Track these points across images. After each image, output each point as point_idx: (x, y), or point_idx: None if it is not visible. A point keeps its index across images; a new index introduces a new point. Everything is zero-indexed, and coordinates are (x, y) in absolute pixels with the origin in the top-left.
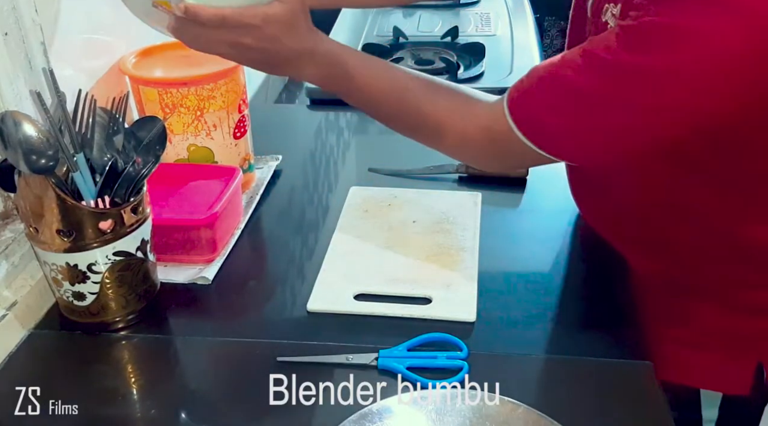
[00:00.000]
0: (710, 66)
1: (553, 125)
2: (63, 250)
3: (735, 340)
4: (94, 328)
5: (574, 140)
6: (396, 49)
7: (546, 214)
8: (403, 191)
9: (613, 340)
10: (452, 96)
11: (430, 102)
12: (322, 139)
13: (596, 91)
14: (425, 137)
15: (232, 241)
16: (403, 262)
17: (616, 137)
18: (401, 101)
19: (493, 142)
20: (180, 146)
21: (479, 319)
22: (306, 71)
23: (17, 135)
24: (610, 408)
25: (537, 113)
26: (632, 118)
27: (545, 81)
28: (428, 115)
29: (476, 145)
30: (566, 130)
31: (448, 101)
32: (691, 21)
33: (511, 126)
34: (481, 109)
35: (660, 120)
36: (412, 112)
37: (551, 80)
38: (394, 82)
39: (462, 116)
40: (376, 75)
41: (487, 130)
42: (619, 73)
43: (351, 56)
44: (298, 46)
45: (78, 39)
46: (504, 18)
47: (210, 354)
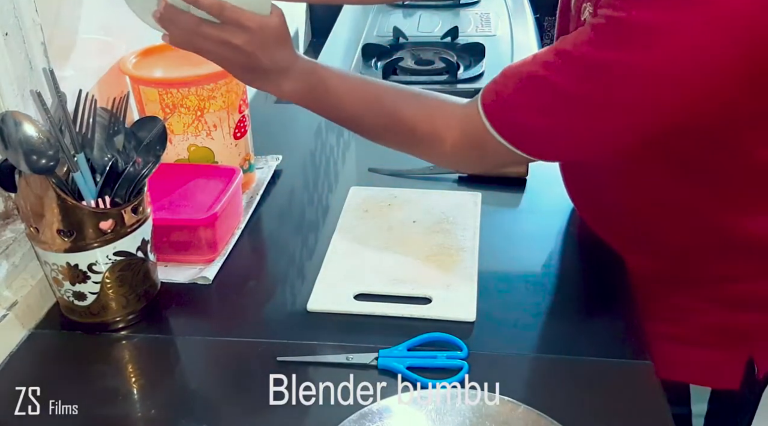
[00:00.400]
0: (680, 61)
1: (527, 124)
2: (63, 250)
3: (726, 335)
4: (94, 328)
5: (547, 138)
6: (396, 49)
7: (546, 214)
8: (403, 191)
9: (613, 340)
10: (427, 99)
11: (406, 107)
12: (322, 139)
13: (567, 89)
14: (403, 143)
15: (232, 241)
16: (403, 262)
17: (589, 135)
18: (377, 109)
19: (468, 143)
20: (180, 146)
21: (479, 319)
22: (285, 86)
23: (18, 135)
24: (610, 408)
25: (511, 112)
26: (602, 116)
27: (518, 80)
28: (404, 119)
29: (452, 146)
30: (539, 129)
31: (424, 104)
32: (656, 17)
33: (486, 125)
34: (456, 109)
35: (630, 117)
36: (388, 119)
37: (524, 79)
38: (369, 92)
39: (438, 118)
40: (352, 86)
41: (463, 130)
42: (590, 71)
43: (328, 71)
44: (283, 60)
45: (78, 39)
46: (504, 18)
47: (210, 354)
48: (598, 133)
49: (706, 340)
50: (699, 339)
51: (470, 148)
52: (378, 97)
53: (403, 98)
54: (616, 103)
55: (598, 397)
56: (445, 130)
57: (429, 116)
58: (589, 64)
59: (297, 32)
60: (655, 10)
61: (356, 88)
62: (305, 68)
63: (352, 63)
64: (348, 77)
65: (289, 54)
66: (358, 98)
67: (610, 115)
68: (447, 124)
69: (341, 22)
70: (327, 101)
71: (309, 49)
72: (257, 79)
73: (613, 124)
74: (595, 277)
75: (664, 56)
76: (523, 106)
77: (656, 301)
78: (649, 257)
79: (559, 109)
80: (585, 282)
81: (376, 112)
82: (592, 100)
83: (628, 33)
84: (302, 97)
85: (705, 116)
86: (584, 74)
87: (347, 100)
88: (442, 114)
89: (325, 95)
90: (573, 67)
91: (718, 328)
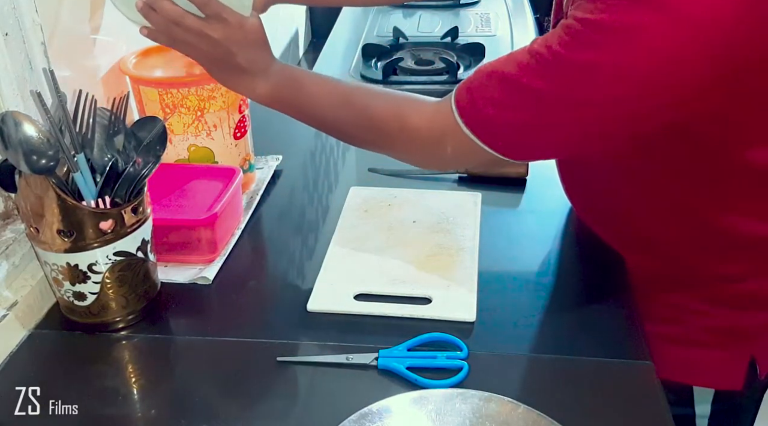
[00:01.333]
0: (648, 62)
1: (499, 122)
2: (63, 250)
3: (727, 336)
4: (94, 328)
5: (518, 137)
6: (396, 49)
7: (546, 214)
8: (403, 191)
9: (613, 340)
10: (397, 97)
11: (375, 104)
12: (322, 139)
13: (538, 89)
14: (374, 141)
15: (232, 241)
16: (403, 262)
17: (558, 135)
18: (349, 106)
19: (438, 139)
20: (180, 146)
21: (479, 319)
22: (258, 87)
23: (18, 135)
24: (610, 408)
25: (483, 110)
26: (572, 116)
27: (492, 78)
28: (374, 117)
29: (423, 142)
30: (511, 127)
31: (393, 101)
32: (623, 18)
33: (458, 122)
34: (427, 106)
35: (600, 117)
36: (359, 115)
37: (498, 77)
38: (340, 91)
39: (408, 114)
40: (323, 87)
41: (434, 126)
42: (559, 71)
43: (301, 74)
44: (258, 62)
45: (78, 39)
46: (504, 18)
47: (210, 354)
48: (568, 133)
49: (708, 340)
50: (701, 340)
51: (440, 144)
52: (349, 95)
53: (373, 96)
54: (585, 102)
55: (598, 397)
56: (415, 127)
57: (398, 113)
58: (559, 64)
59: (297, 32)
60: (624, 11)
61: (327, 89)
62: (278, 70)
63: (352, 63)
64: (319, 79)
65: (265, 56)
66: (329, 99)
67: (579, 115)
68: (417, 121)
69: (341, 22)
70: (298, 102)
71: (309, 49)
72: (232, 78)
73: (582, 124)
74: (595, 277)
75: (632, 57)
76: (496, 104)
77: (657, 301)
78: (648, 257)
79: (530, 108)
80: (585, 282)
81: (346, 110)
82: (561, 100)
83: (596, 34)
84: (275, 100)
85: (680, 117)
86: (554, 74)
87: (318, 101)
88: (412, 111)
89: (296, 97)
90: (544, 67)
91: (720, 329)
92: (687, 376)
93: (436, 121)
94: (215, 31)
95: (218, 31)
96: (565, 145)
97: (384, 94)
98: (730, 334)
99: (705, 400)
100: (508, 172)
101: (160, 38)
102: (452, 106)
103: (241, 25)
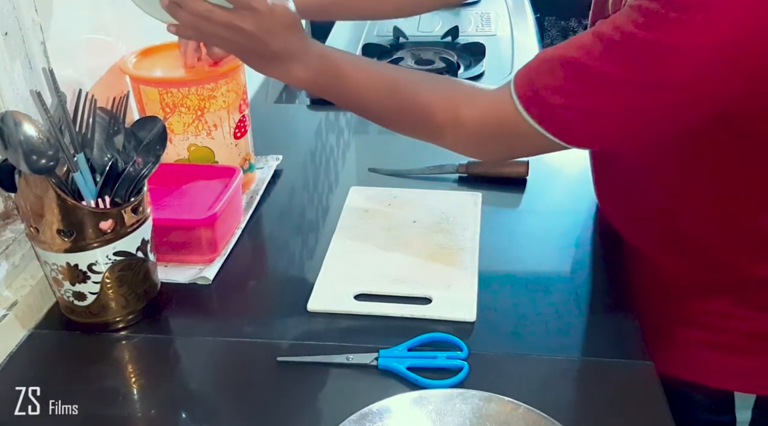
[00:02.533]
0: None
1: (563, 108)
2: (63, 250)
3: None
4: (94, 328)
5: (587, 124)
6: (396, 49)
7: (546, 214)
8: (403, 191)
9: (613, 340)
10: (449, 85)
11: (426, 91)
12: (322, 139)
13: (608, 73)
14: (423, 130)
15: (232, 241)
16: (403, 262)
17: (631, 119)
18: (395, 94)
19: (496, 130)
20: (180, 146)
21: (479, 319)
22: (296, 72)
23: (18, 135)
24: (610, 408)
25: (545, 96)
26: (645, 98)
27: (554, 64)
28: (425, 105)
29: (478, 132)
30: (579, 114)
31: (446, 90)
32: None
33: (521, 111)
34: (484, 94)
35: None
36: (407, 104)
37: (561, 63)
38: (386, 76)
39: (462, 103)
40: (367, 71)
41: (491, 115)
42: (632, 53)
43: (341, 58)
44: (293, 46)
45: (78, 39)
46: (504, 18)
47: (210, 354)
48: (640, 116)
49: (749, 346)
50: (741, 345)
51: (495, 135)
52: (395, 82)
53: (421, 84)
54: (661, 84)
55: (598, 397)
56: (470, 117)
57: (450, 103)
58: (630, 46)
59: None
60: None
61: (371, 74)
62: (317, 54)
63: None
64: (362, 63)
65: (300, 40)
66: (373, 84)
67: (652, 97)
68: (471, 111)
69: (341, 21)
70: (340, 88)
71: None
72: (268, 65)
73: (655, 107)
74: (596, 277)
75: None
76: (562, 92)
77: (694, 307)
78: (683, 259)
79: (600, 93)
80: (585, 282)
81: (392, 98)
82: (635, 82)
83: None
84: (314, 84)
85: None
86: (626, 57)
87: (362, 86)
88: (464, 100)
89: (338, 82)
90: (614, 50)
91: (760, 334)
92: (728, 383)
93: (492, 111)
94: (245, 22)
95: (248, 22)
96: (634, 130)
97: (432, 81)
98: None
99: (746, 407)
100: (508, 172)
101: (188, 34)
102: (512, 96)
103: (271, 10)
